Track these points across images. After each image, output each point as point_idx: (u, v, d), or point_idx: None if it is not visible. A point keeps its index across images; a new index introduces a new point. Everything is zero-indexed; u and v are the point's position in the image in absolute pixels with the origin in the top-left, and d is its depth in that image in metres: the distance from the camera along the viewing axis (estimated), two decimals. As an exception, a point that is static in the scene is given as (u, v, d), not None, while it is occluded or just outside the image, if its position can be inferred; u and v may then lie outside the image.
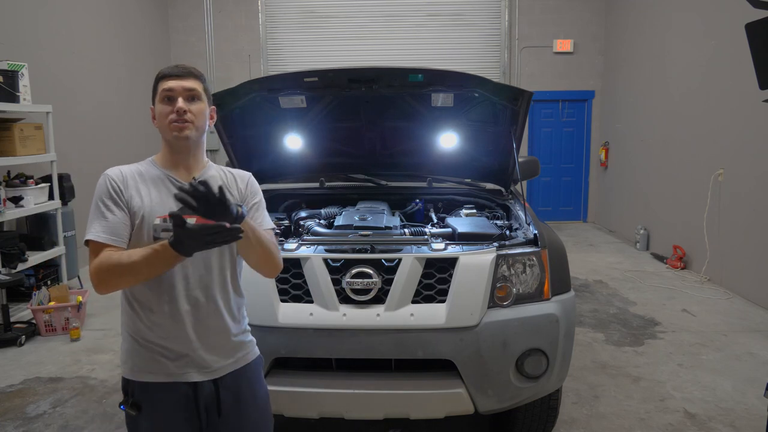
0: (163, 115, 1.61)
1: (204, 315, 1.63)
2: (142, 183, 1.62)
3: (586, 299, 5.34)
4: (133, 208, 1.58)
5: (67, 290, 4.89)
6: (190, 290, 1.60)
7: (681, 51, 6.67)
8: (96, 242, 1.54)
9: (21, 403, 3.43)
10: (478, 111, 3.27)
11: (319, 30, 9.26)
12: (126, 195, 1.59)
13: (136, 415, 1.61)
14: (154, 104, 1.65)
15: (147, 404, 1.61)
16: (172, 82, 1.61)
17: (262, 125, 3.42)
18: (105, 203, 1.58)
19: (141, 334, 1.61)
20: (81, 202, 6.51)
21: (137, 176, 1.64)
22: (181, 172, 1.67)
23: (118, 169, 1.64)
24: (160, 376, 1.60)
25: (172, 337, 1.60)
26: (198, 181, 1.45)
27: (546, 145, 9.58)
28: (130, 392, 1.62)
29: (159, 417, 1.61)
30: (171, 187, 1.61)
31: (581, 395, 3.43)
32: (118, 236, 1.55)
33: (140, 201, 1.59)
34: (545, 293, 2.45)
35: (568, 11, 9.18)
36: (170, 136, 1.62)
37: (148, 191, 1.61)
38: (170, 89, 1.61)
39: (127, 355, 1.64)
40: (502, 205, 3.42)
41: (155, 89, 1.64)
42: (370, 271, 2.35)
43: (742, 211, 5.45)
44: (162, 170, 1.66)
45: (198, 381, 1.62)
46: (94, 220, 1.57)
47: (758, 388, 3.49)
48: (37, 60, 5.79)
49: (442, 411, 2.36)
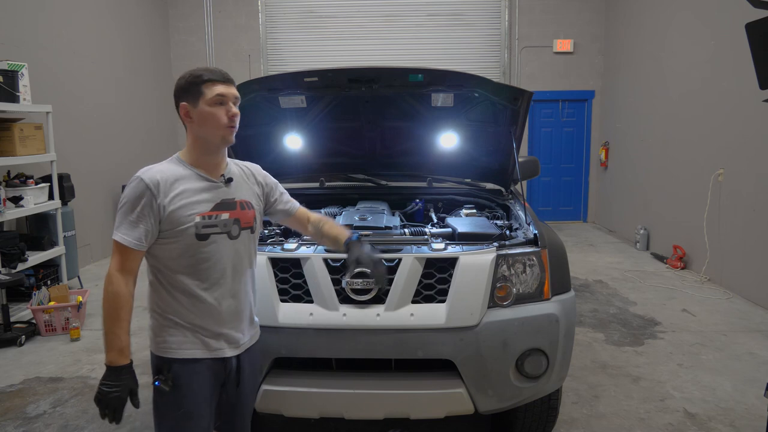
0: (216, 117, 1.72)
1: (239, 298, 1.84)
2: (178, 184, 1.72)
3: (586, 299, 5.34)
4: (169, 210, 1.69)
5: (67, 290, 4.89)
6: (231, 278, 1.80)
7: (681, 51, 6.67)
8: (121, 244, 1.67)
9: (21, 403, 3.43)
10: (478, 111, 3.27)
11: (318, 30, 9.26)
12: (159, 200, 1.68)
13: (169, 391, 1.73)
14: (189, 102, 1.73)
15: (182, 379, 1.74)
16: (223, 88, 1.73)
17: (262, 125, 3.42)
18: (135, 208, 1.67)
19: (180, 316, 1.76)
20: (81, 202, 6.52)
21: (172, 177, 1.73)
22: (210, 169, 1.80)
23: (152, 173, 1.71)
24: (196, 352, 1.76)
25: (212, 319, 1.77)
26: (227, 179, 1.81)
27: (546, 145, 9.58)
28: (165, 369, 1.74)
29: (191, 391, 1.75)
30: (204, 186, 1.77)
31: (581, 395, 3.43)
32: (141, 242, 1.68)
33: (178, 203, 1.70)
34: (545, 293, 2.45)
35: (568, 11, 9.18)
36: (218, 138, 1.75)
37: (184, 192, 1.72)
38: (223, 95, 1.73)
39: (161, 334, 1.76)
40: (502, 205, 3.42)
41: (199, 90, 1.72)
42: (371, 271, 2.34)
43: (742, 211, 5.45)
44: (192, 169, 1.77)
45: (228, 356, 1.81)
46: (124, 221, 1.68)
47: (758, 388, 3.49)
48: (37, 60, 5.79)
49: (442, 411, 2.36)
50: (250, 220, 1.86)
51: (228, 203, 1.79)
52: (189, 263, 1.73)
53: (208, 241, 1.73)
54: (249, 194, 1.90)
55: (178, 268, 1.73)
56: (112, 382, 1.64)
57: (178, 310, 1.75)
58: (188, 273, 1.73)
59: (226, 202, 1.79)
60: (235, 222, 1.80)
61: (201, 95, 1.72)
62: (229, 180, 1.82)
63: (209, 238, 1.74)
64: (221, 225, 1.76)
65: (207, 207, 1.74)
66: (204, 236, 1.72)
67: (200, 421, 1.77)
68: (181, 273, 1.73)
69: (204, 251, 1.73)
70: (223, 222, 1.76)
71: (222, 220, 1.76)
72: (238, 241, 1.81)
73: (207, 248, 1.74)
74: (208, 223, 1.72)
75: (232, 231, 1.79)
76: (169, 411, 1.76)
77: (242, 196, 1.86)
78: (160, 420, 1.79)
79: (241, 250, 1.83)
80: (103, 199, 7.35)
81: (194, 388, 1.75)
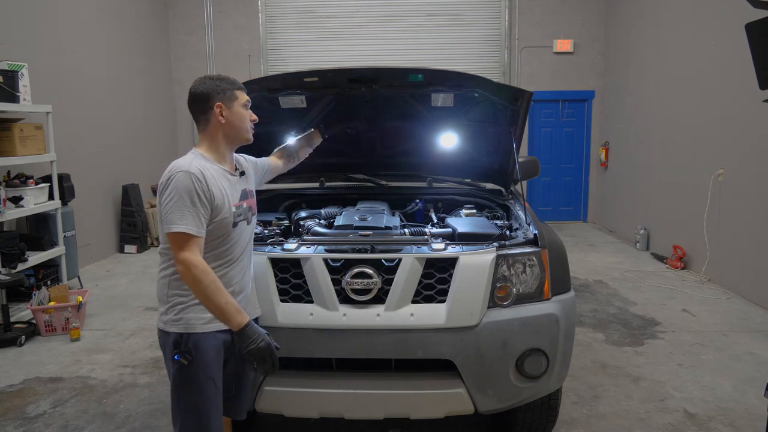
0: (245, 119, 2.04)
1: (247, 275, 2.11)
2: (213, 178, 1.93)
3: (586, 299, 5.34)
4: (215, 201, 1.90)
5: (67, 290, 4.89)
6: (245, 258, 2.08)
7: (681, 51, 6.68)
8: (188, 234, 1.81)
9: (21, 403, 3.43)
10: (478, 111, 3.27)
11: (318, 30, 9.26)
12: (209, 191, 1.88)
13: (189, 364, 1.90)
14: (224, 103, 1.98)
15: (201, 350, 1.92)
16: (247, 97, 2.07)
17: (262, 125, 3.40)
18: (192, 199, 1.84)
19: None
20: (81, 202, 6.52)
21: (209, 171, 1.93)
22: (227, 164, 2.05)
23: (196, 167, 1.89)
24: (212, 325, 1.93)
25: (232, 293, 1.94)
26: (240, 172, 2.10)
27: (546, 145, 9.58)
28: (183, 344, 1.91)
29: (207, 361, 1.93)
30: (230, 179, 2.02)
31: (581, 395, 3.43)
32: (203, 230, 1.87)
33: (220, 194, 1.92)
34: (545, 293, 2.45)
35: (568, 11, 9.18)
36: (243, 137, 2.06)
37: (221, 185, 1.95)
38: (249, 101, 2.07)
39: (182, 313, 1.94)
40: (502, 205, 3.42)
41: (233, 95, 2.01)
42: (370, 271, 2.34)
43: (742, 212, 5.45)
44: (217, 164, 2.00)
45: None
46: (186, 213, 1.82)
47: (758, 388, 3.49)
48: (37, 60, 5.79)
49: (442, 411, 2.36)
50: (254, 206, 2.18)
51: (246, 193, 2.10)
52: (217, 245, 1.95)
53: (237, 228, 2.01)
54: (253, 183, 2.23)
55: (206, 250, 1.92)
56: (253, 337, 1.83)
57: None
58: (213, 254, 1.95)
59: (245, 192, 2.10)
60: (249, 209, 2.11)
61: (236, 99, 2.01)
62: (242, 173, 2.11)
63: (238, 225, 2.01)
64: (244, 213, 2.06)
65: (236, 198, 2.02)
66: (235, 224, 2.00)
67: (218, 391, 1.97)
68: (207, 255, 1.92)
69: (232, 236, 1.99)
70: (245, 210, 2.07)
71: (245, 208, 2.07)
72: (250, 226, 2.12)
73: (234, 233, 2.00)
74: (238, 212, 2.01)
75: (248, 218, 2.10)
76: (191, 381, 1.92)
77: (250, 186, 2.17)
78: (181, 394, 1.94)
79: (251, 233, 2.14)
80: (103, 199, 7.35)
81: (210, 358, 1.94)
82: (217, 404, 1.97)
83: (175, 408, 1.96)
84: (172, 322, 1.95)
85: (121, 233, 7.67)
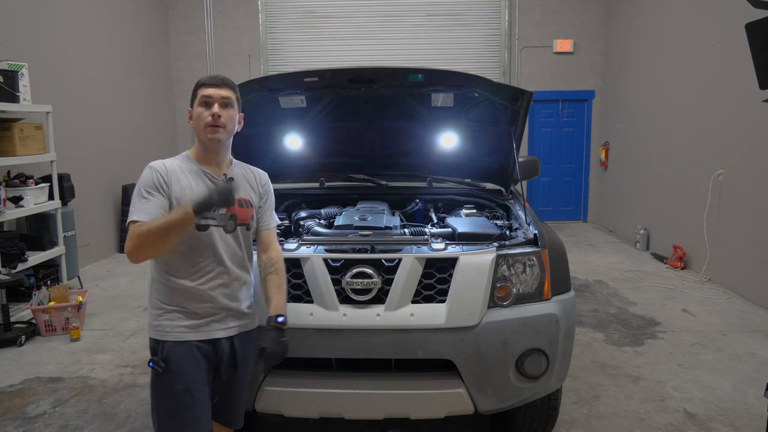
0: (200, 118, 1.91)
1: (232, 286, 1.97)
2: (182, 175, 1.91)
3: (586, 299, 5.34)
4: (174, 195, 1.85)
5: (67, 290, 4.89)
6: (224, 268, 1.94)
7: (681, 51, 6.68)
8: (136, 221, 1.78)
9: (21, 403, 3.43)
10: (478, 111, 3.27)
11: (318, 30, 9.26)
12: (168, 184, 1.86)
13: (163, 371, 1.85)
14: (192, 107, 1.95)
15: (174, 360, 1.86)
16: (210, 90, 1.91)
17: (262, 125, 3.42)
18: (147, 190, 1.84)
19: (175, 301, 1.90)
20: (81, 202, 6.52)
21: (178, 169, 1.91)
22: (213, 167, 1.99)
23: (161, 162, 1.91)
24: (187, 335, 1.89)
25: (204, 304, 1.91)
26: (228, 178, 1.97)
27: (546, 145, 9.58)
28: (159, 351, 1.88)
29: (184, 371, 1.87)
30: (207, 181, 1.94)
31: (581, 395, 3.43)
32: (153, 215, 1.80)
33: (181, 190, 1.87)
34: (545, 293, 2.45)
35: (568, 11, 9.18)
36: (205, 138, 1.92)
37: (189, 182, 1.90)
38: (209, 96, 1.90)
39: (158, 319, 1.91)
40: (502, 205, 3.42)
41: (195, 94, 1.93)
42: (370, 271, 2.34)
43: (742, 212, 5.45)
44: (198, 165, 1.96)
45: (220, 338, 1.94)
46: (137, 204, 1.83)
47: (758, 388, 3.49)
48: (37, 60, 5.79)
49: (442, 411, 2.36)
50: (247, 217, 2.02)
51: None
52: (184, 249, 1.88)
53: (207, 232, 1.90)
54: (249, 194, 2.06)
55: (174, 252, 1.87)
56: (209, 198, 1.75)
57: (173, 297, 1.90)
58: (183, 259, 1.89)
59: None
60: (231, 218, 1.96)
61: (196, 98, 1.93)
62: (230, 179, 1.98)
63: (208, 229, 1.91)
64: (219, 219, 1.93)
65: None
66: (203, 227, 1.89)
67: (195, 401, 1.87)
68: (177, 258, 1.89)
69: (200, 241, 1.90)
70: (220, 216, 1.93)
71: (220, 214, 1.93)
72: (234, 235, 1.97)
73: (203, 238, 1.90)
74: (207, 215, 1.86)
75: (227, 226, 1.96)
76: (165, 390, 1.88)
77: (242, 195, 2.01)
78: (157, 400, 1.91)
79: (235, 243, 1.98)
80: (103, 199, 7.35)
81: (186, 368, 1.87)
82: (194, 415, 1.87)
83: (153, 412, 1.94)
84: (152, 327, 1.94)
85: (121, 233, 7.67)
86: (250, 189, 2.07)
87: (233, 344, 1.99)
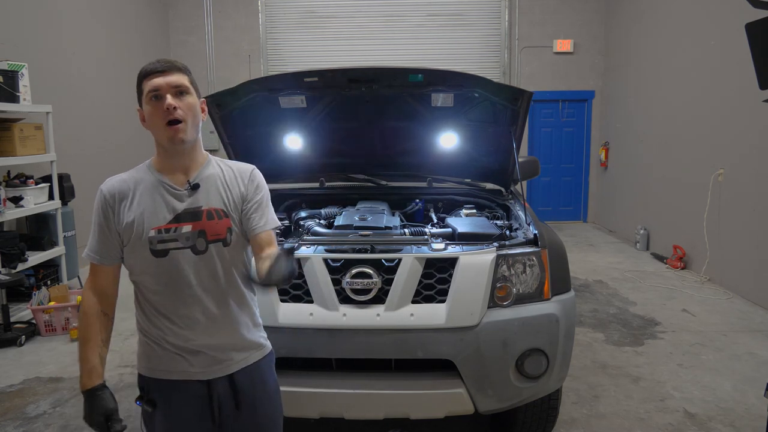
0: (153, 116, 1.53)
1: (217, 318, 1.62)
2: (137, 194, 1.58)
3: (586, 299, 5.34)
4: (125, 222, 1.56)
5: (67, 290, 4.89)
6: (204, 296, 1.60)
7: (681, 51, 6.67)
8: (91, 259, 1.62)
9: (21, 403, 3.43)
10: (478, 111, 3.27)
11: (318, 30, 9.26)
12: (117, 212, 1.58)
13: (152, 411, 1.62)
14: (141, 106, 1.57)
15: (162, 401, 1.62)
16: (157, 80, 1.52)
17: (263, 125, 3.42)
18: (99, 222, 1.60)
19: (156, 336, 1.62)
20: (81, 202, 6.51)
21: (132, 187, 1.60)
22: (178, 174, 1.61)
23: (112, 183, 1.62)
24: (174, 374, 1.62)
25: (187, 340, 1.60)
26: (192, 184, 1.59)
27: (546, 145, 9.57)
28: (146, 389, 1.64)
29: (173, 413, 1.62)
30: (165, 194, 1.58)
31: (581, 395, 3.43)
32: (107, 257, 1.61)
33: (133, 215, 1.56)
34: (545, 293, 2.45)
35: (568, 11, 9.18)
36: (165, 140, 1.54)
37: (141, 203, 1.57)
38: (156, 88, 1.52)
39: (143, 353, 1.66)
40: (502, 205, 3.42)
41: (140, 89, 1.56)
42: (370, 271, 2.35)
43: (742, 211, 5.45)
44: (158, 175, 1.61)
45: (212, 378, 1.63)
46: (91, 236, 1.62)
47: (758, 388, 3.49)
48: (37, 60, 5.78)
49: (442, 411, 2.36)
50: (221, 231, 1.59)
51: (192, 213, 1.58)
52: (152, 280, 1.58)
53: (168, 258, 1.55)
54: (221, 200, 1.62)
55: (145, 284, 1.60)
56: (87, 410, 1.52)
57: (153, 332, 1.62)
58: (155, 290, 1.59)
59: (190, 211, 1.57)
60: (199, 234, 1.57)
61: (141, 93, 1.55)
62: (195, 186, 1.59)
63: (168, 254, 1.55)
64: (182, 239, 1.55)
65: (165, 219, 1.56)
66: (162, 252, 1.54)
67: None
68: (149, 290, 1.60)
69: (164, 268, 1.56)
70: (184, 235, 1.55)
71: (183, 233, 1.55)
72: (206, 256, 1.58)
73: (167, 265, 1.56)
74: (165, 237, 1.54)
75: (197, 245, 1.57)
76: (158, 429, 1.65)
77: (212, 204, 1.61)
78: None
79: (213, 265, 1.59)
80: (103, 199, 7.34)
81: (175, 409, 1.62)
82: None
83: None
84: (139, 355, 1.67)
85: (121, 233, 7.65)
86: (227, 191, 1.64)
87: (234, 382, 1.65)
